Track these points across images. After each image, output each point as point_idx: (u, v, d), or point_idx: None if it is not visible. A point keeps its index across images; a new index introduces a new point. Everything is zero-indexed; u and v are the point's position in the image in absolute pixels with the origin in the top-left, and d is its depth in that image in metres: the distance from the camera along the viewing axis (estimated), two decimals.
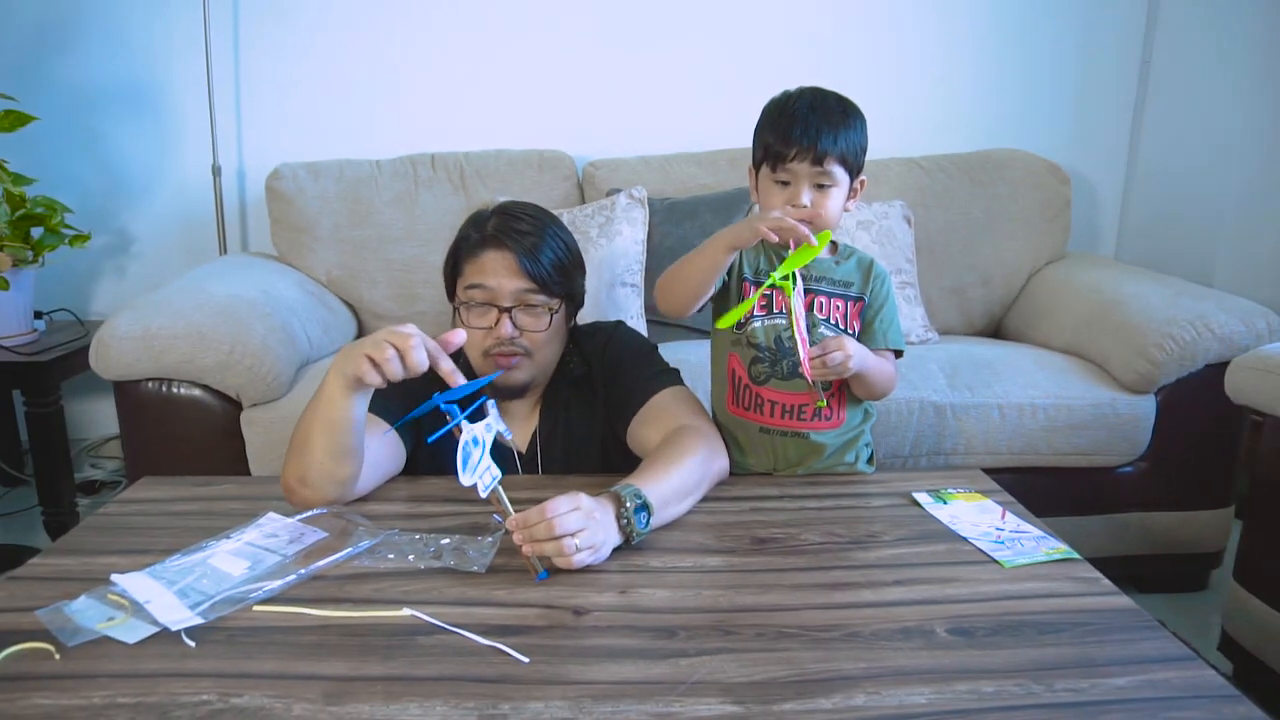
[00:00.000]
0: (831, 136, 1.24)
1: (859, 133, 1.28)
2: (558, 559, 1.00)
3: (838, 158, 1.25)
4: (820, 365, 1.22)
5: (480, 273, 1.30)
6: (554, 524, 0.99)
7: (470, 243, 1.33)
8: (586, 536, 1.00)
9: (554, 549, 0.99)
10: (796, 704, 0.79)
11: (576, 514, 1.01)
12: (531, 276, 1.29)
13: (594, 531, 1.02)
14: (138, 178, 2.58)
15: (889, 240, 2.26)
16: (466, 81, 2.56)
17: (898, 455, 1.88)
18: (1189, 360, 1.87)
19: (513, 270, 1.29)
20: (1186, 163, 2.50)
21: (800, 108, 1.27)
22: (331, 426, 1.10)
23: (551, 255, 1.31)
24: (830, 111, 1.26)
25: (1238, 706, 0.79)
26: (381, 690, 0.80)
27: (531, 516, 1.00)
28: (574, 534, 0.99)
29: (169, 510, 1.20)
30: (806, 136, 1.24)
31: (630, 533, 1.07)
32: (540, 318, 1.31)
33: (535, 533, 0.99)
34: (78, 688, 0.80)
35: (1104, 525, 1.97)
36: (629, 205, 2.22)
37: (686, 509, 1.19)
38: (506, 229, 1.31)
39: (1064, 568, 1.05)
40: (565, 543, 0.99)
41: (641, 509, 1.08)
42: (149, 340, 1.73)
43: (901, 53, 2.61)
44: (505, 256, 1.29)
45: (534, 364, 1.33)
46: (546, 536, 0.99)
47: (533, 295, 1.30)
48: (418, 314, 2.32)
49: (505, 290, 1.29)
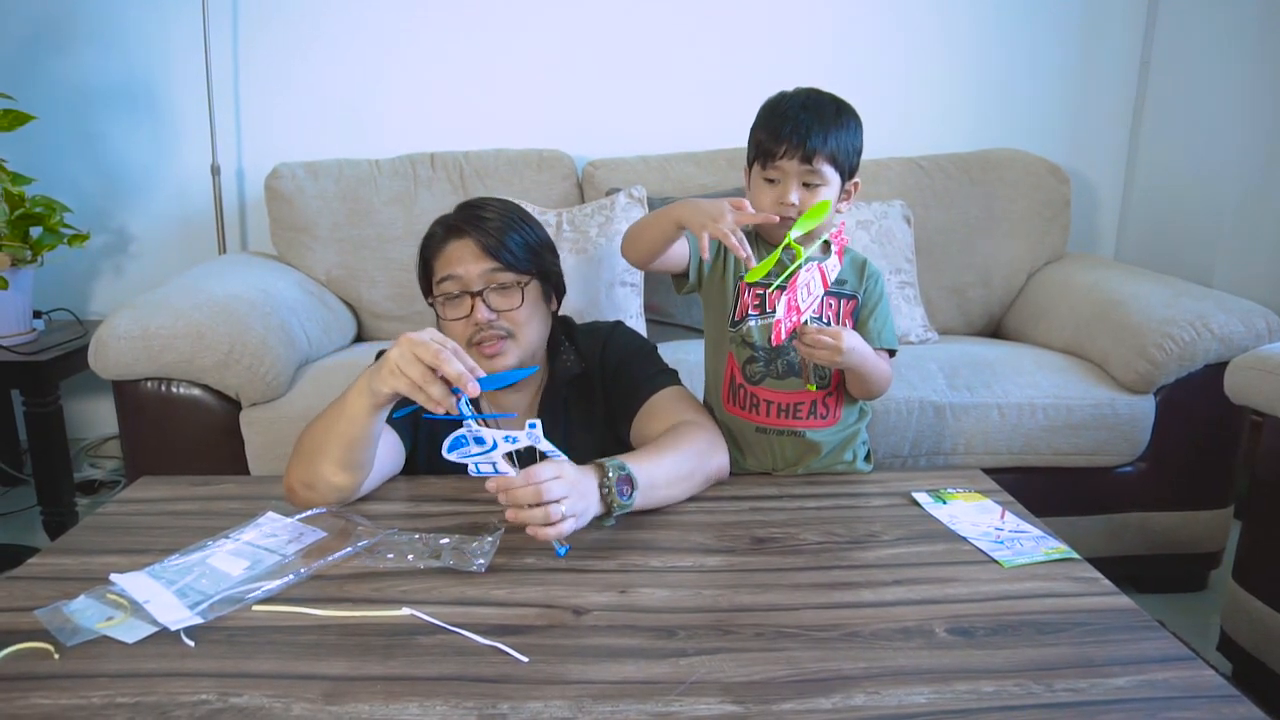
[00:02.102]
0: (822, 135, 1.24)
1: (852, 134, 1.28)
2: (540, 528, 1.00)
3: (827, 157, 1.25)
4: (807, 343, 1.19)
5: (447, 264, 1.32)
6: (541, 489, 1.00)
7: (435, 239, 1.35)
8: (570, 504, 1.02)
9: (541, 515, 1.00)
10: (796, 704, 0.79)
11: (559, 482, 1.02)
12: (495, 256, 1.30)
13: (575, 500, 1.03)
14: (137, 177, 2.57)
15: (888, 240, 2.26)
16: (466, 81, 2.56)
17: (897, 455, 1.88)
18: (1188, 360, 1.87)
19: (476, 254, 1.30)
20: (1186, 163, 2.50)
21: (792, 106, 1.27)
22: (351, 442, 1.10)
23: (515, 236, 1.32)
24: (823, 111, 1.26)
25: (1237, 707, 0.79)
26: (381, 690, 0.80)
27: (515, 482, 1.01)
28: (558, 500, 1.00)
29: (168, 510, 1.20)
30: (796, 134, 1.24)
31: (611, 503, 1.08)
32: (512, 296, 1.31)
33: (518, 496, 1.00)
34: (77, 687, 0.80)
35: (1103, 525, 1.97)
36: (628, 204, 2.22)
37: (679, 496, 1.19)
38: (466, 218, 1.33)
39: (1063, 568, 1.05)
40: (551, 509, 1.00)
41: (625, 482, 1.08)
42: (148, 340, 1.73)
43: (902, 53, 2.61)
44: (467, 243, 1.31)
45: (518, 345, 1.32)
46: (531, 500, 1.00)
47: (500, 274, 1.30)
48: (416, 313, 2.32)
49: (473, 274, 1.30)
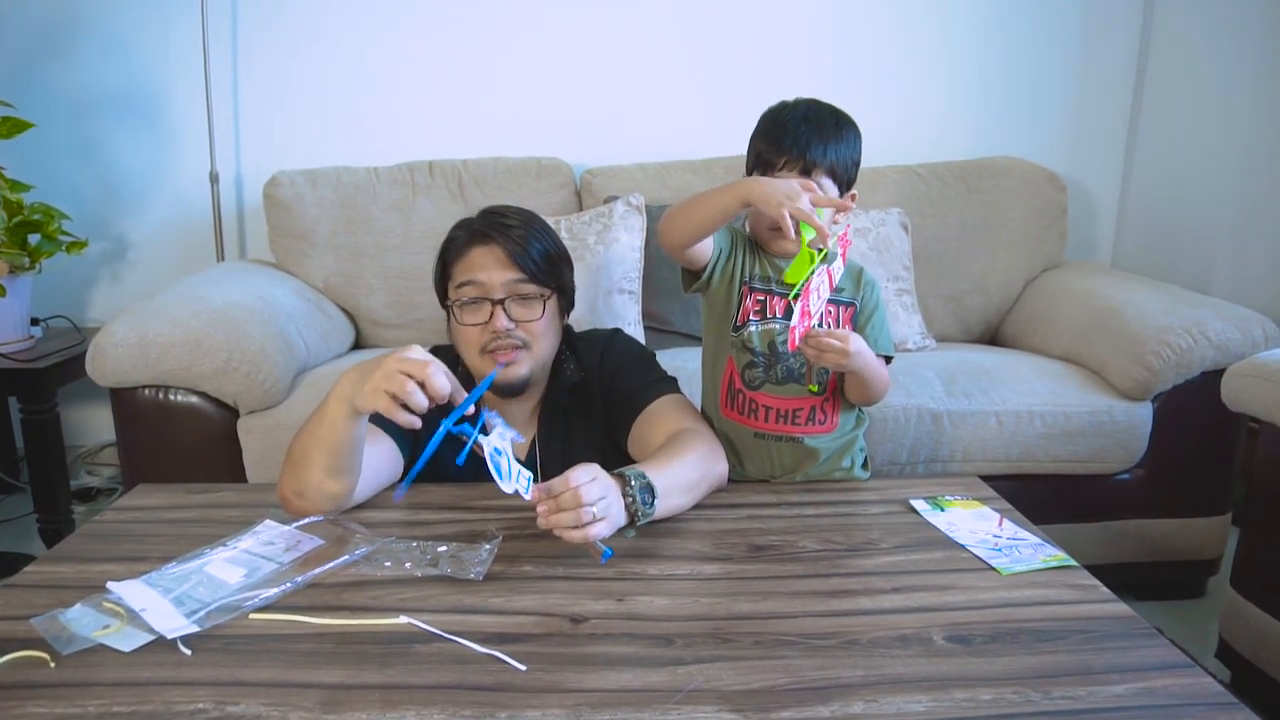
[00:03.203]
0: (821, 148, 1.25)
1: (850, 146, 1.29)
2: (570, 531, 1.01)
3: (826, 169, 1.26)
4: (815, 346, 1.20)
5: (469, 269, 1.31)
6: (580, 493, 1.00)
7: (457, 243, 1.35)
8: (604, 506, 1.02)
9: (573, 518, 1.00)
10: (794, 712, 0.79)
11: (596, 484, 1.03)
12: (521, 266, 1.30)
13: (610, 502, 1.04)
14: (135, 184, 2.57)
15: (886, 248, 2.26)
16: (465, 89, 2.56)
17: (895, 462, 1.88)
18: (1186, 367, 1.87)
19: (502, 262, 1.30)
20: (1183, 171, 2.51)
21: (793, 118, 1.27)
22: (333, 448, 1.10)
23: (539, 246, 1.33)
24: (823, 123, 1.27)
25: (1235, 714, 0.79)
26: (378, 698, 0.80)
27: (556, 486, 1.01)
28: (594, 504, 1.01)
29: (165, 518, 1.20)
30: (796, 146, 1.25)
31: (635, 511, 1.08)
32: (534, 307, 1.31)
33: (562, 502, 1.01)
34: (73, 696, 0.80)
35: (1101, 532, 1.97)
36: (626, 212, 2.23)
37: (688, 504, 1.20)
38: (492, 224, 1.33)
39: (1061, 575, 1.05)
40: (584, 511, 1.00)
41: (646, 489, 1.09)
42: (146, 347, 1.73)
43: (900, 61, 2.62)
44: (493, 250, 1.31)
45: (533, 357, 1.32)
46: (573, 505, 1.00)
47: (524, 285, 1.30)
48: (415, 321, 2.32)
49: (496, 282, 1.30)
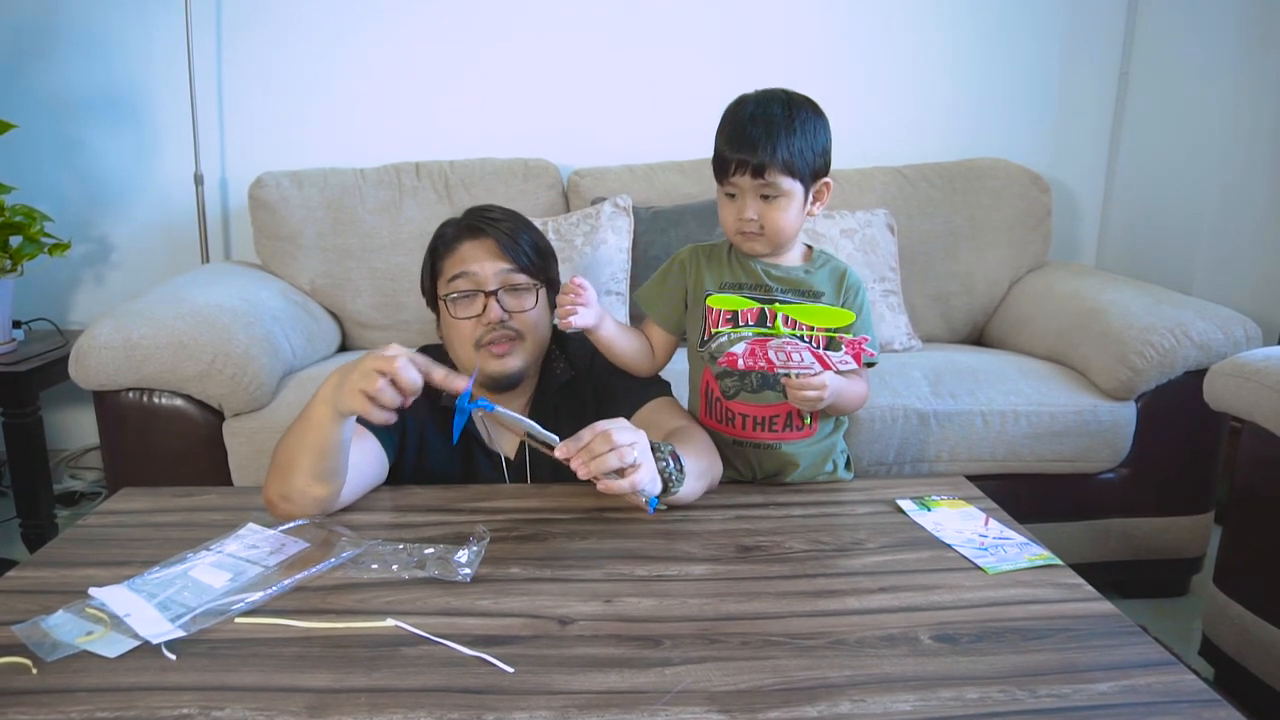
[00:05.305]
0: (770, 147, 1.18)
1: (807, 137, 1.21)
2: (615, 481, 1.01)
3: (780, 168, 1.19)
4: (797, 398, 1.21)
5: (461, 262, 1.32)
6: (612, 435, 1.00)
7: (447, 238, 1.36)
8: (641, 451, 1.03)
9: (616, 459, 1.00)
10: (782, 712, 0.79)
11: (625, 430, 1.03)
12: (512, 257, 1.31)
13: (645, 448, 1.04)
14: (118, 186, 2.55)
15: (872, 249, 2.27)
16: (451, 90, 2.56)
17: (881, 463, 1.89)
18: (1169, 367, 1.89)
19: (493, 253, 1.31)
20: (1165, 172, 2.53)
21: (741, 118, 1.21)
22: (320, 452, 1.09)
23: (528, 238, 1.35)
24: (772, 121, 1.19)
25: (1219, 711, 0.80)
26: (365, 702, 0.80)
27: (584, 435, 1.02)
28: (631, 444, 1.01)
29: (149, 522, 1.19)
30: (745, 149, 1.19)
31: (669, 476, 1.08)
32: (526, 298, 1.32)
33: (594, 447, 1.00)
34: (56, 703, 0.79)
35: (1086, 531, 1.98)
36: (614, 214, 2.23)
37: (698, 492, 1.20)
38: (480, 218, 1.35)
39: (1047, 574, 1.06)
40: (624, 452, 1.00)
41: (674, 458, 1.10)
42: (130, 350, 1.71)
43: (884, 62, 2.63)
44: (484, 242, 1.32)
45: (526, 348, 1.32)
46: (606, 449, 1.00)
47: (516, 275, 1.32)
48: (401, 322, 2.31)
49: (489, 273, 1.31)
